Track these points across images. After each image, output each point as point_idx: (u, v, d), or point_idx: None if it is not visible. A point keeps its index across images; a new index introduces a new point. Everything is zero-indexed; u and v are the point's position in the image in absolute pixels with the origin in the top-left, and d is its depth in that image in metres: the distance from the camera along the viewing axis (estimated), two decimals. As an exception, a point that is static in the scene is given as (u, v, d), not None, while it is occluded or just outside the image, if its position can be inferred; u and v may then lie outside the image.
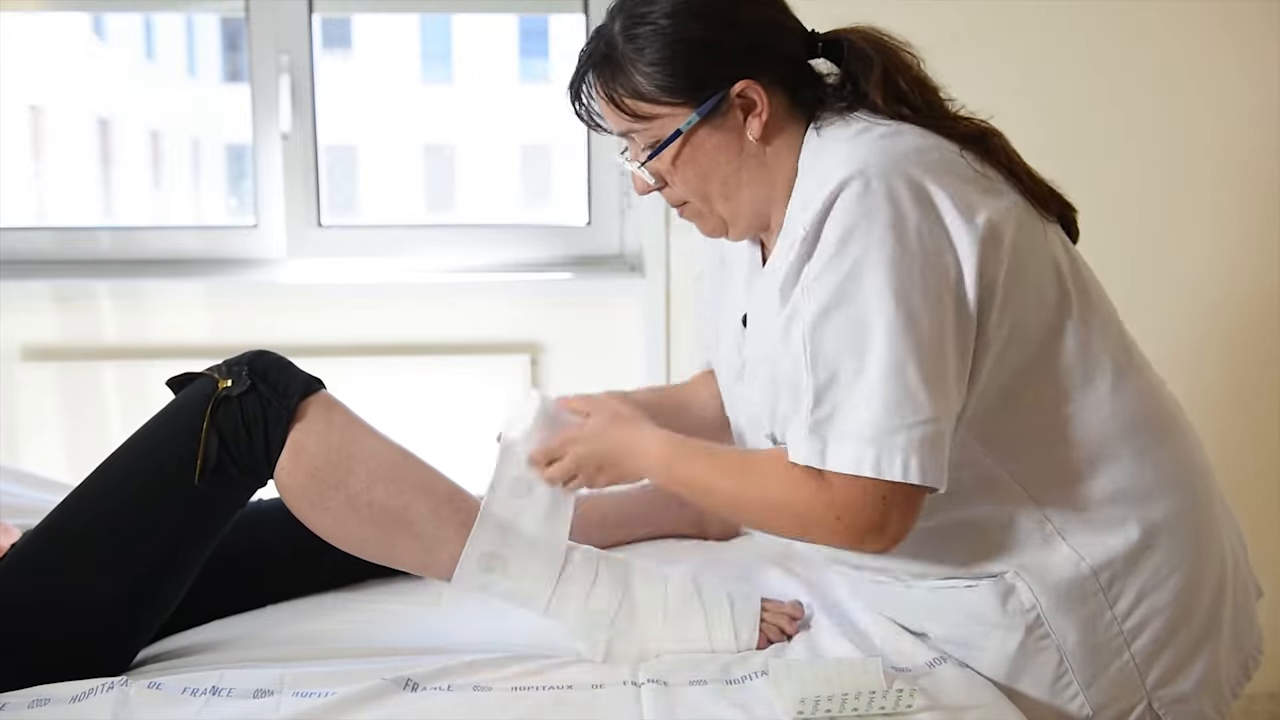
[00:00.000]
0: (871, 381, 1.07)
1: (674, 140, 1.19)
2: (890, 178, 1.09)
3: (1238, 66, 2.24)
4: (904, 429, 1.06)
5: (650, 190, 1.26)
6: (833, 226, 1.10)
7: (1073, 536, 1.18)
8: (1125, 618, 1.20)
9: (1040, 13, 2.20)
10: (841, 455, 1.08)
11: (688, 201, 1.25)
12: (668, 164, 1.21)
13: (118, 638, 1.28)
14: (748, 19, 1.18)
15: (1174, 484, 1.20)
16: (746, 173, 1.21)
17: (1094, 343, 1.18)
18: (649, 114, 1.19)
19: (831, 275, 1.09)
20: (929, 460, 1.07)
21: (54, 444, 2.24)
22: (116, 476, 1.30)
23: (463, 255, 2.35)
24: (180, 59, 6.63)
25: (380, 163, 6.61)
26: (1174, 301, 2.30)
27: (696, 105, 1.17)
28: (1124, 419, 1.18)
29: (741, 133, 1.19)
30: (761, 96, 1.17)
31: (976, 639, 1.22)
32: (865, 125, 1.16)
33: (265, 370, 1.31)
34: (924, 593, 1.24)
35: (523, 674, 1.21)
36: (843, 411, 1.08)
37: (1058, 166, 2.24)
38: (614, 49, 1.18)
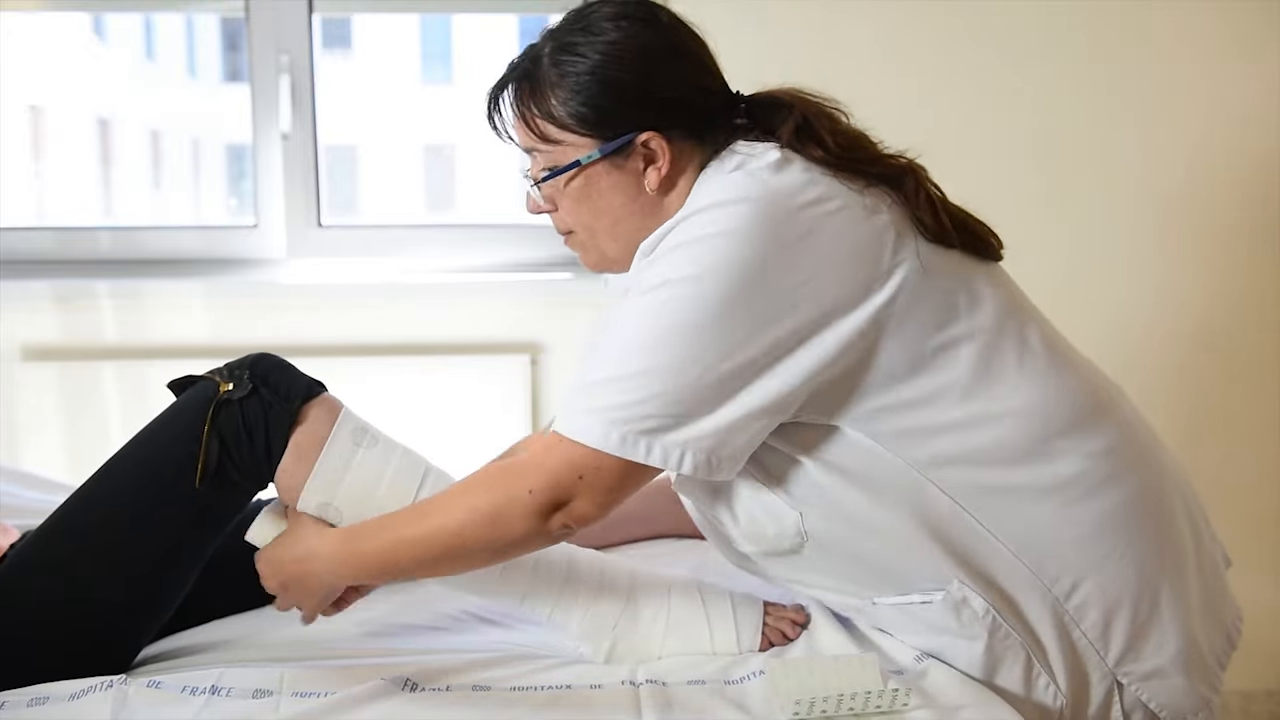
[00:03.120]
0: (642, 368, 1.10)
1: (571, 169, 1.22)
2: (751, 206, 1.12)
3: (1238, 66, 2.24)
4: (654, 416, 1.10)
5: (540, 211, 1.28)
6: (675, 235, 1.14)
7: (998, 529, 1.19)
8: (1067, 597, 1.21)
9: (1040, 12, 2.21)
10: (584, 425, 1.12)
11: (573, 231, 1.28)
12: (561, 191, 1.24)
13: (118, 638, 1.28)
14: (669, 75, 1.21)
15: (1105, 468, 1.21)
16: (637, 218, 1.23)
17: (999, 352, 1.19)
18: (554, 138, 1.21)
19: (649, 273, 1.14)
20: (671, 446, 1.10)
21: (54, 444, 2.24)
22: (118, 479, 1.30)
23: (463, 255, 2.35)
24: (180, 59, 6.63)
25: (380, 163, 6.62)
26: (1174, 301, 2.30)
27: (601, 141, 1.20)
28: (1041, 413, 1.19)
29: (640, 179, 1.22)
30: (664, 150, 1.20)
31: (945, 649, 1.23)
32: (743, 158, 1.18)
33: (267, 373, 1.31)
34: (888, 610, 1.26)
35: (522, 674, 1.21)
36: (602, 387, 1.12)
37: (1057, 166, 2.25)
38: (538, 68, 1.21)
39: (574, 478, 1.13)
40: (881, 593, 1.25)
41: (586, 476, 1.13)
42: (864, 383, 1.15)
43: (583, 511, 1.14)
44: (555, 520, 1.14)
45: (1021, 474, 1.18)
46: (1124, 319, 2.29)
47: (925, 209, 1.19)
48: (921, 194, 1.20)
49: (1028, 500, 1.19)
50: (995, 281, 1.23)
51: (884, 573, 1.23)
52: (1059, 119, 2.24)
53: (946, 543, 1.19)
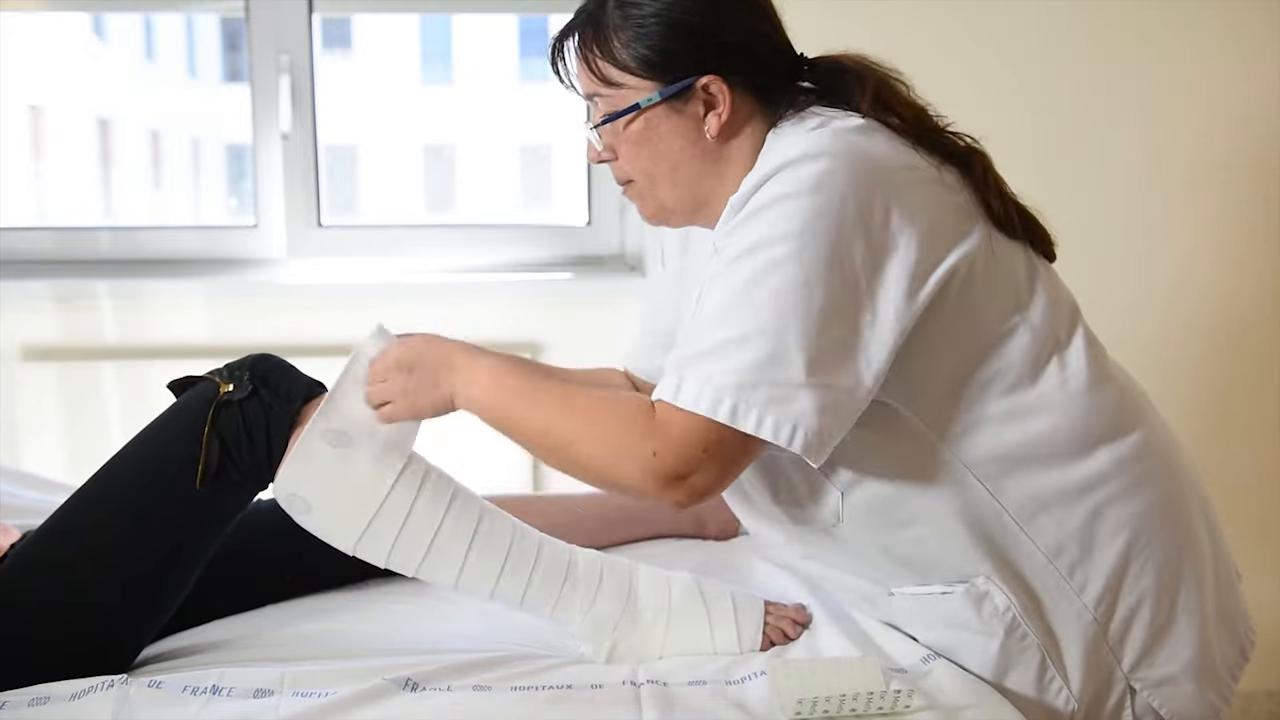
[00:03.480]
0: (745, 334, 1.08)
1: (631, 112, 1.21)
2: (840, 164, 1.10)
3: (1238, 66, 2.24)
4: (765, 385, 1.07)
5: (600, 159, 1.27)
6: (765, 193, 1.12)
7: (1030, 528, 1.19)
8: (1094, 603, 1.21)
9: (1040, 13, 2.21)
10: (695, 393, 1.08)
11: (633, 180, 1.26)
12: (621, 136, 1.23)
13: (118, 639, 1.28)
14: (733, 20, 1.20)
15: (1135, 472, 1.21)
16: (697, 164, 1.22)
17: (1047, 348, 1.19)
18: (616, 81, 1.20)
19: (744, 234, 1.11)
20: (783, 420, 1.07)
21: (54, 444, 2.24)
22: (118, 479, 1.30)
23: (463, 255, 2.35)
24: (180, 59, 6.63)
25: (380, 163, 6.62)
26: (1174, 301, 2.30)
27: (662, 85, 1.19)
28: (1080, 413, 1.19)
29: (700, 125, 1.21)
30: (725, 95, 1.19)
31: (960, 644, 1.24)
32: (824, 118, 1.17)
33: (267, 374, 1.31)
34: (906, 600, 1.26)
35: (522, 674, 1.21)
36: (711, 355, 1.09)
37: (1057, 166, 2.25)
38: (603, 11, 1.21)
39: (699, 451, 1.09)
40: (902, 582, 1.25)
41: (711, 449, 1.09)
42: (929, 360, 1.15)
43: (706, 485, 1.10)
44: (677, 491, 1.10)
45: (1055, 474, 1.19)
46: (1124, 319, 2.29)
47: (994, 194, 1.20)
48: (989, 178, 1.21)
49: (1060, 502, 1.19)
50: (1048, 279, 1.24)
51: (910, 562, 1.23)
52: (1059, 119, 2.24)
53: (981, 538, 1.19)
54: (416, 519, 1.26)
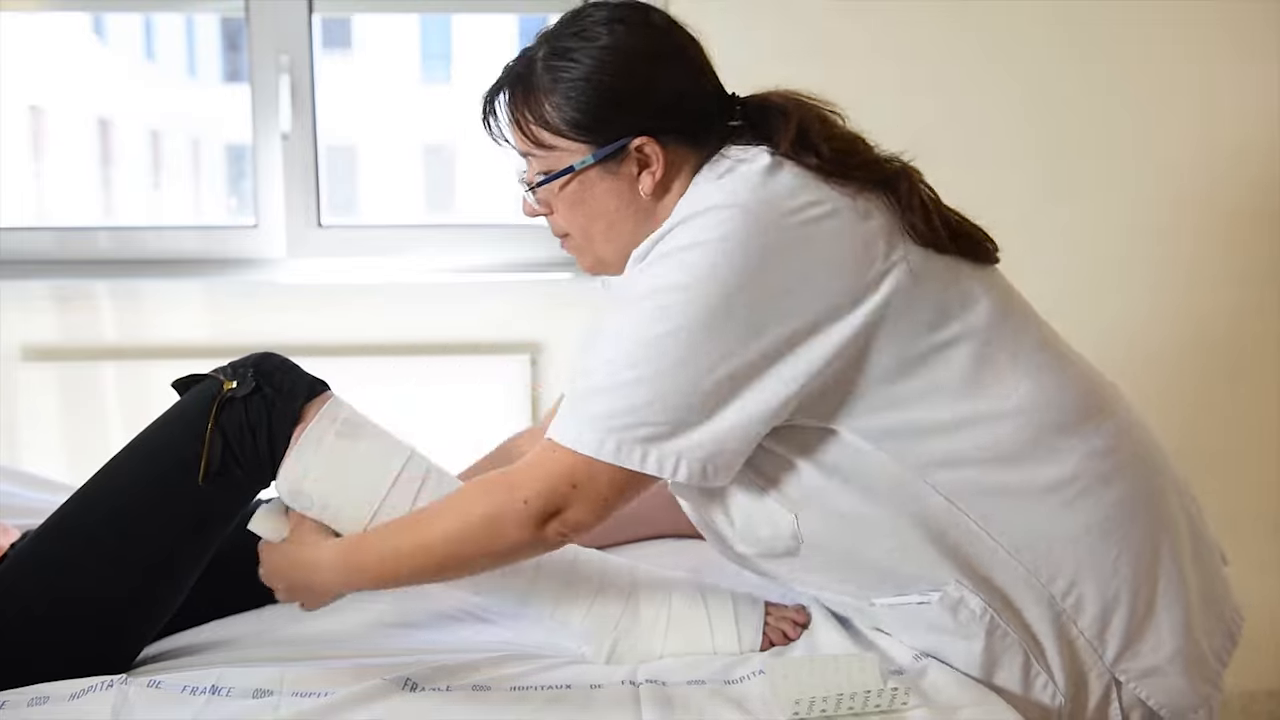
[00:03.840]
0: (635, 376, 1.10)
1: (566, 174, 1.22)
2: (741, 213, 1.11)
3: (1238, 66, 2.24)
4: (647, 425, 1.10)
5: (536, 214, 1.29)
6: (665, 243, 1.14)
7: (992, 529, 1.19)
8: (1064, 596, 1.21)
9: (1040, 13, 2.21)
10: (577, 432, 1.12)
11: (569, 234, 1.28)
12: (556, 195, 1.24)
13: (119, 637, 1.28)
14: (663, 79, 1.21)
15: (1106, 465, 1.21)
16: (631, 221, 1.24)
17: (992, 350, 1.19)
18: (549, 143, 1.21)
19: (640, 279, 1.14)
20: (665, 455, 1.11)
21: (54, 444, 2.24)
22: (120, 477, 1.30)
23: (463, 255, 2.35)
24: (180, 59, 6.64)
25: (380, 163, 6.62)
26: (1174, 301, 2.30)
27: (595, 147, 1.20)
28: (1037, 412, 1.19)
29: (634, 183, 1.22)
30: (658, 155, 1.20)
31: (945, 648, 1.24)
32: (731, 163, 1.18)
33: (270, 372, 1.31)
34: (885, 610, 1.26)
35: (522, 674, 1.21)
36: (596, 396, 1.12)
37: (1056, 166, 2.25)
38: (532, 73, 1.21)
39: (568, 486, 1.13)
40: (879, 593, 1.25)
41: (580, 485, 1.13)
42: (858, 386, 1.15)
43: (578, 519, 1.14)
44: (551, 528, 1.14)
45: (1017, 474, 1.18)
46: (1124, 319, 2.29)
47: (918, 213, 1.19)
48: (915, 198, 1.20)
49: (1024, 500, 1.19)
50: (989, 284, 1.23)
51: (881, 574, 1.23)
52: (1058, 119, 2.24)
53: (943, 543, 1.19)
54: None
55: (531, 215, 1.29)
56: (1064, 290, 1.78)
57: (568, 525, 1.14)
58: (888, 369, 1.15)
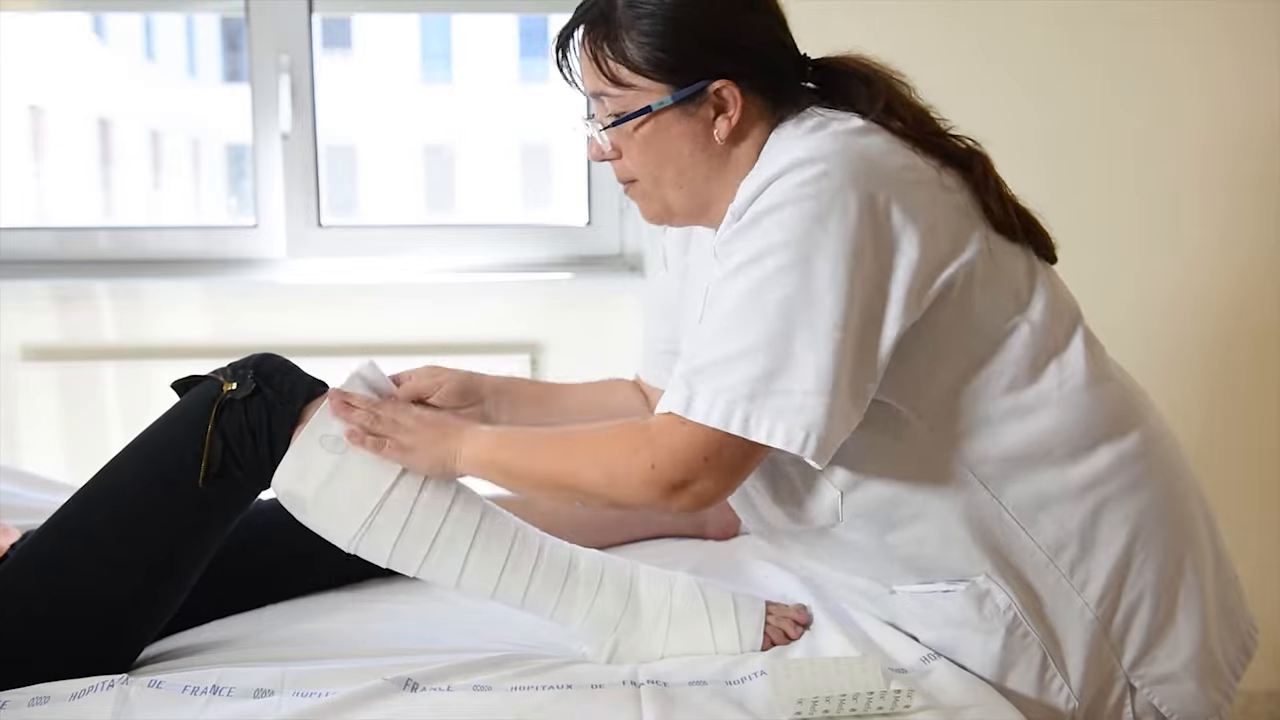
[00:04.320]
0: (754, 345, 1.09)
1: (642, 114, 1.20)
2: (838, 167, 1.10)
3: (1238, 66, 2.24)
4: (776, 394, 1.08)
5: (604, 158, 1.26)
6: (765, 199, 1.12)
7: (1031, 527, 1.20)
8: (1095, 602, 1.22)
9: (1040, 13, 2.21)
10: (707, 405, 1.10)
11: (636, 180, 1.26)
12: (629, 137, 1.22)
13: (120, 638, 1.28)
14: (747, 23, 1.20)
15: (1135, 470, 1.22)
16: (704, 167, 1.22)
17: (1046, 348, 1.20)
18: (627, 81, 1.19)
19: (746, 242, 1.12)
20: (795, 428, 1.08)
21: (54, 444, 2.24)
22: (120, 478, 1.30)
23: (463, 255, 2.35)
24: (180, 59, 6.64)
25: (380, 163, 6.62)
26: (1174, 299, 2.30)
27: (674, 88, 1.18)
28: (1079, 412, 1.20)
29: (710, 128, 1.20)
30: (736, 100, 1.19)
31: (961, 643, 1.24)
32: (822, 120, 1.18)
33: (270, 374, 1.31)
34: (907, 599, 1.26)
35: (522, 673, 1.21)
36: (720, 367, 1.10)
37: (1057, 165, 2.25)
38: (613, 9, 1.19)
39: (700, 460, 1.11)
40: (903, 580, 1.25)
41: (710, 459, 1.11)
42: (928, 360, 1.16)
43: (709, 492, 1.13)
44: (680, 499, 1.13)
45: (1057, 472, 1.19)
46: (1124, 318, 2.29)
47: (994, 196, 1.20)
48: (990, 180, 1.21)
49: (1062, 500, 1.20)
50: (1047, 280, 1.24)
51: (910, 560, 1.23)
52: (1058, 119, 2.24)
53: (982, 537, 1.19)
54: (418, 518, 1.26)
55: (598, 159, 1.27)
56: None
57: (699, 498, 1.13)
58: (956, 347, 1.16)
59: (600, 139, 1.25)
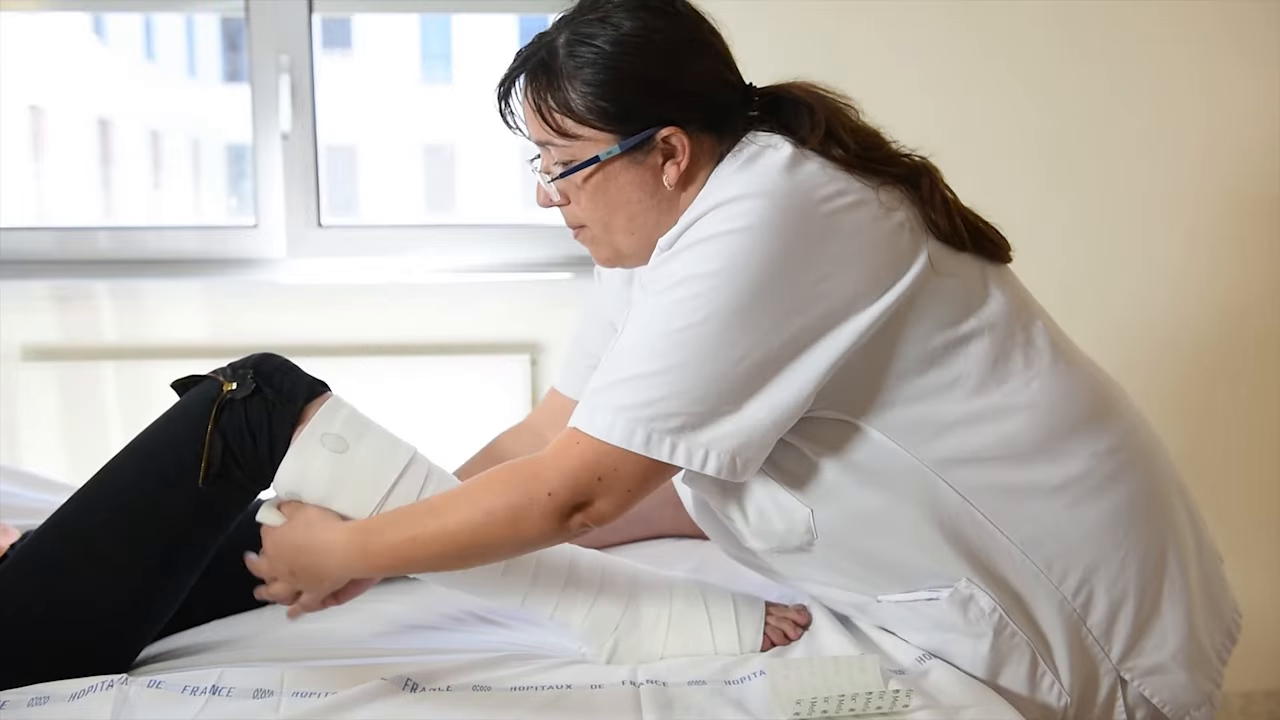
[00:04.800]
0: (662, 368, 1.10)
1: (590, 165, 1.19)
2: (767, 202, 1.11)
3: (1238, 66, 2.24)
4: (678, 415, 1.10)
5: (551, 205, 1.26)
6: (692, 233, 1.13)
7: (1006, 527, 1.20)
8: (1074, 595, 1.21)
9: (1040, 13, 2.21)
10: (608, 422, 1.11)
11: (585, 226, 1.26)
12: (577, 186, 1.22)
13: (119, 638, 1.28)
14: (690, 68, 1.19)
15: (1112, 465, 1.22)
16: (654, 212, 1.22)
17: (1007, 350, 1.20)
18: (572, 132, 1.19)
19: (666, 271, 1.13)
20: (695, 447, 1.10)
21: (54, 444, 2.24)
22: (120, 478, 1.30)
23: (463, 255, 2.35)
24: (180, 59, 6.63)
25: (380, 163, 6.61)
26: (1174, 301, 2.30)
27: (621, 137, 1.18)
28: (1047, 411, 1.20)
29: (658, 174, 1.20)
30: (684, 145, 1.19)
31: (951, 647, 1.24)
32: (757, 150, 1.17)
33: (270, 373, 1.31)
34: (894, 607, 1.26)
35: (522, 674, 1.21)
36: (625, 386, 1.11)
37: (1056, 166, 2.25)
38: (554, 59, 1.18)
39: (593, 479, 1.12)
40: (887, 590, 1.25)
41: (605, 478, 1.12)
42: (878, 378, 1.16)
43: (602, 511, 1.14)
44: (574, 520, 1.14)
45: (1029, 472, 1.19)
46: (1124, 319, 2.29)
47: (939, 210, 1.20)
48: (936, 195, 1.20)
49: (1036, 498, 1.19)
50: (1003, 282, 1.24)
51: (891, 570, 1.23)
52: (1058, 120, 2.24)
53: (956, 540, 1.19)
54: None
55: (546, 206, 1.27)
56: (1063, 289, 1.78)
57: (591, 517, 1.14)
58: (908, 361, 1.16)
59: (547, 187, 1.25)
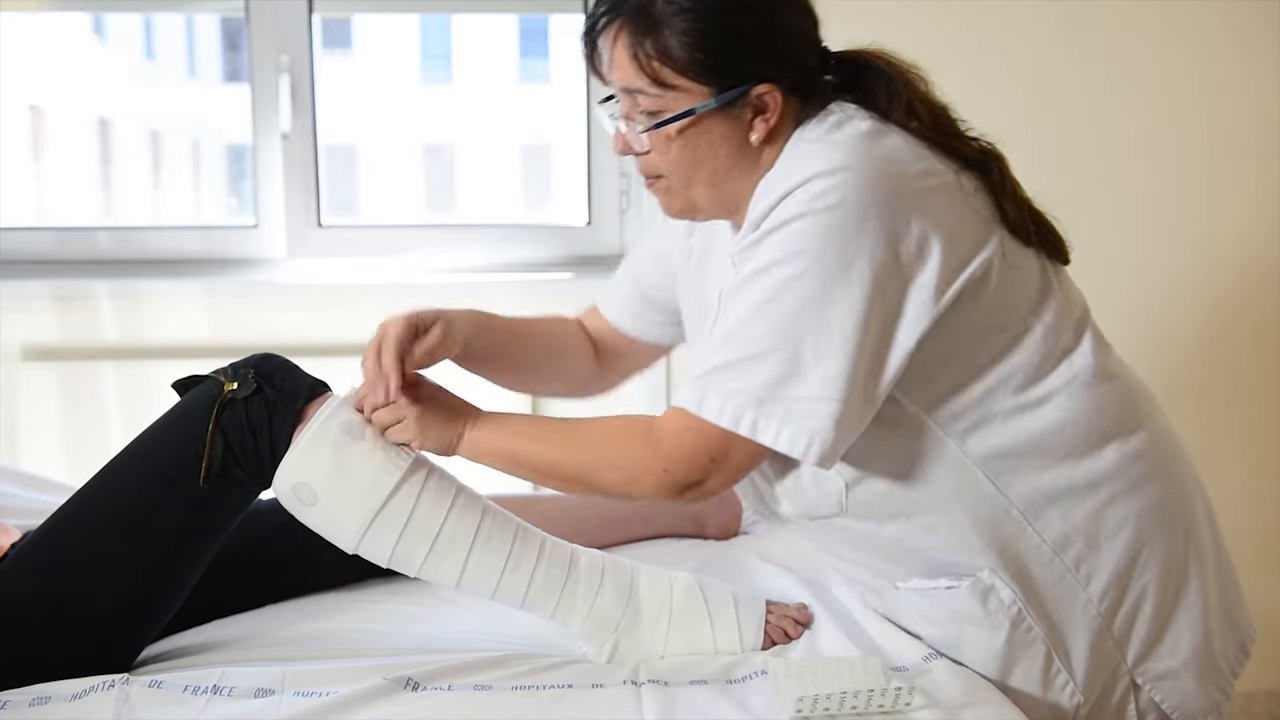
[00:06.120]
0: (766, 351, 1.11)
1: (685, 117, 1.18)
2: (857, 178, 1.11)
3: (1238, 67, 2.24)
4: (784, 400, 1.11)
5: (629, 153, 1.25)
6: (784, 209, 1.13)
7: (1037, 522, 1.21)
8: (1100, 597, 1.22)
9: (1040, 13, 2.21)
10: (719, 407, 1.13)
11: (663, 176, 1.24)
12: (668, 137, 1.20)
13: (120, 638, 1.28)
14: (786, 24, 1.19)
15: (1140, 468, 1.23)
16: (736, 168, 1.21)
17: (1056, 348, 1.21)
18: (669, 82, 1.17)
19: (763, 250, 1.13)
20: (799, 433, 1.11)
21: (53, 444, 2.24)
22: (121, 477, 1.30)
23: (463, 255, 2.35)
24: (180, 59, 6.64)
25: (380, 163, 6.61)
26: (1171, 301, 2.30)
27: (718, 91, 1.17)
28: (1087, 411, 1.21)
29: (746, 130, 1.20)
30: (776, 103, 1.18)
31: (965, 639, 1.24)
32: (841, 118, 1.18)
33: (271, 373, 1.31)
34: (911, 595, 1.26)
35: (523, 673, 1.21)
36: (732, 370, 1.13)
37: (1055, 168, 2.25)
38: (653, 5, 1.16)
39: (708, 460, 1.15)
40: (908, 576, 1.26)
41: (717, 459, 1.15)
42: (936, 363, 1.17)
43: (714, 488, 1.18)
44: (687, 495, 1.18)
45: (1064, 470, 1.20)
46: (1124, 318, 2.29)
47: (1010, 199, 1.21)
48: (1007, 184, 1.22)
49: (1069, 497, 1.20)
50: (1061, 281, 1.25)
51: (915, 554, 1.24)
52: (1058, 120, 2.24)
53: (989, 533, 1.20)
54: (419, 518, 1.26)
55: (624, 153, 1.25)
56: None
57: (704, 493, 1.18)
58: (967, 348, 1.17)
59: (631, 135, 1.22)
